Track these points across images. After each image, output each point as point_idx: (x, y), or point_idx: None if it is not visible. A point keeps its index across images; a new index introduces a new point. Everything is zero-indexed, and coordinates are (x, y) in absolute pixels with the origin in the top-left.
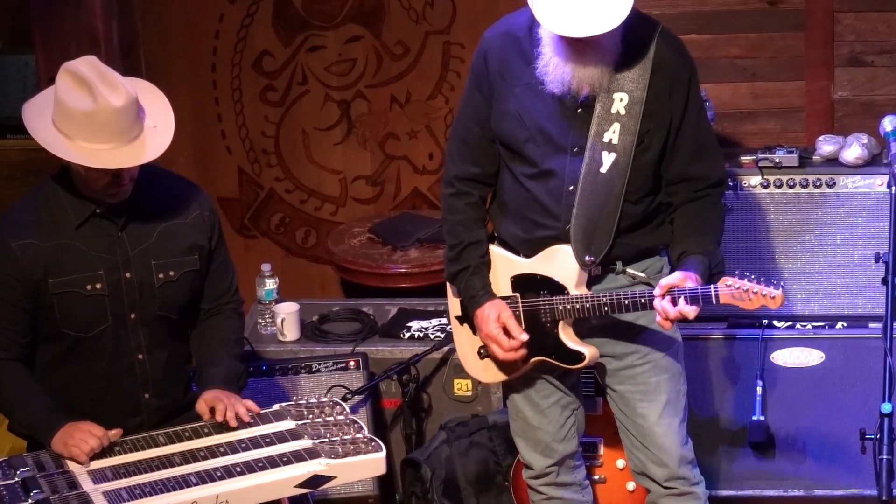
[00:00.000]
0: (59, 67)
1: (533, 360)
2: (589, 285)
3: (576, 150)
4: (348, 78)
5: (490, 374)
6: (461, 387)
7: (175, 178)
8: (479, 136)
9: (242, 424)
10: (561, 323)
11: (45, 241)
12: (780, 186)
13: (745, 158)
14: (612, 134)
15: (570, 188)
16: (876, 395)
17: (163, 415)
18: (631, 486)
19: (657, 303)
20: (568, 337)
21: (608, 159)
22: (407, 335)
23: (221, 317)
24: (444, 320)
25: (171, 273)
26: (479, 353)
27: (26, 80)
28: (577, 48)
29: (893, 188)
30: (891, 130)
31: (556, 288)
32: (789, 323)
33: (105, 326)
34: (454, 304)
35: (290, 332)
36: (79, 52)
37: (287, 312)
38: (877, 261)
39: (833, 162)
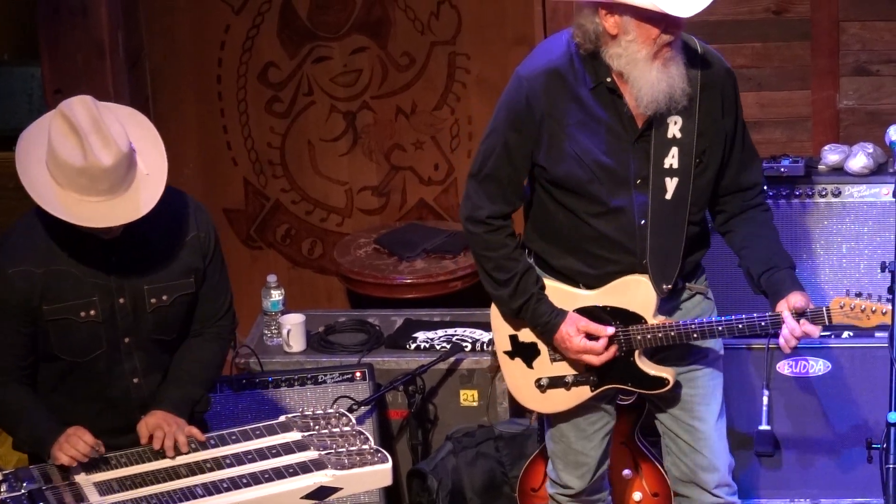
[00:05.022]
0: (65, 79)
1: (604, 387)
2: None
3: (639, 181)
4: (354, 89)
5: (551, 404)
6: (467, 397)
7: (172, 195)
8: (510, 175)
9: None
10: (636, 351)
11: (39, 267)
12: (786, 196)
13: None
14: (672, 159)
15: (642, 222)
16: (882, 405)
17: None
18: (637, 496)
19: (788, 329)
20: (646, 364)
21: (671, 185)
22: (413, 346)
23: (202, 339)
24: (450, 331)
25: (164, 297)
26: (538, 385)
27: (32, 92)
28: (665, 58)
29: None
30: None
31: (631, 318)
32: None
33: (100, 352)
34: (501, 340)
35: (296, 343)
36: (85, 64)
37: (293, 323)
38: (882, 270)
39: (839, 171)
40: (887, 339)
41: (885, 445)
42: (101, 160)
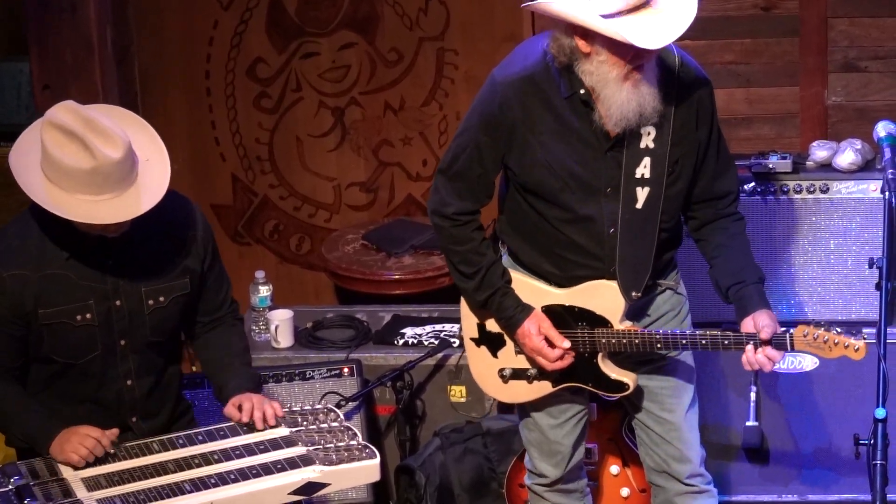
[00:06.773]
0: (53, 75)
1: (565, 384)
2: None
3: (609, 190)
4: (342, 85)
5: (512, 394)
6: (455, 393)
7: (167, 194)
8: (480, 175)
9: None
10: (600, 353)
11: (35, 271)
12: (774, 192)
13: (740, 164)
14: (644, 168)
15: (611, 231)
16: (870, 401)
17: (151, 435)
18: (625, 491)
19: (753, 356)
20: (609, 367)
21: (642, 194)
22: (401, 342)
23: (224, 327)
24: (438, 326)
25: (161, 299)
26: (500, 375)
27: (21, 87)
28: (636, 79)
29: (887, 193)
30: (884, 136)
31: (597, 320)
32: (783, 328)
33: (95, 354)
34: (469, 326)
35: (284, 339)
36: (74, 60)
37: (281, 319)
38: (870, 266)
39: (827, 167)
40: (874, 335)
41: (872, 441)
42: (110, 155)
